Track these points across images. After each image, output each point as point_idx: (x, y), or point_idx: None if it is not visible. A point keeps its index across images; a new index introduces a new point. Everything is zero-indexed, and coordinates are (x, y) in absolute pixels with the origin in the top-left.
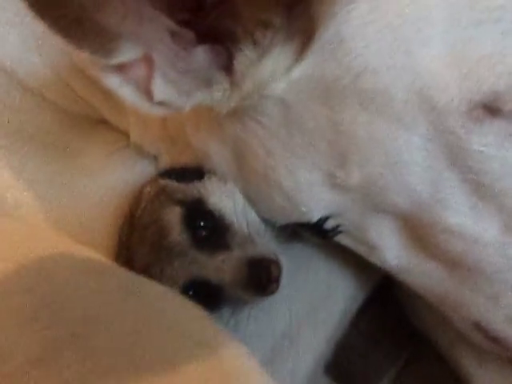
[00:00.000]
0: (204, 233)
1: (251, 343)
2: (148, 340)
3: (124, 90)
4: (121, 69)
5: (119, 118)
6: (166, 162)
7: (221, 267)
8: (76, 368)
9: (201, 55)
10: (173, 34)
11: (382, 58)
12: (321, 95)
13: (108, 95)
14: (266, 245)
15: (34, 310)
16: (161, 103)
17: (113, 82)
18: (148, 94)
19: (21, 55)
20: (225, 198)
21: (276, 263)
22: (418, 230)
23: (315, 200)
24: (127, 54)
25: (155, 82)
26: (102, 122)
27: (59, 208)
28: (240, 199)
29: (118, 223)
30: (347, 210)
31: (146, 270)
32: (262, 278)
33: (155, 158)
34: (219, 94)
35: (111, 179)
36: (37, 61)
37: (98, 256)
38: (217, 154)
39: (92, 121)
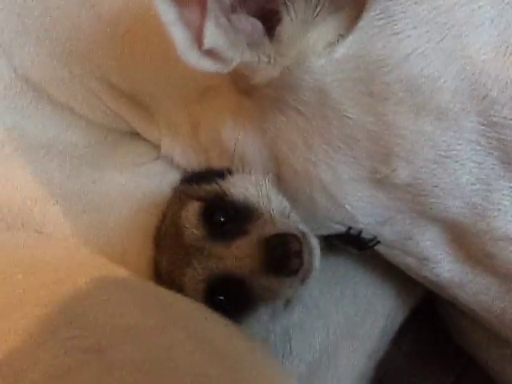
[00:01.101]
0: (221, 222)
1: (287, 361)
2: (178, 359)
3: (177, 29)
4: (178, 4)
5: (150, 128)
6: None
7: (237, 254)
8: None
9: (243, 20)
10: None
11: (432, 40)
12: (362, 79)
13: (138, 106)
14: (288, 223)
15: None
16: (209, 53)
17: (168, 16)
18: (199, 39)
19: (50, 72)
20: (248, 186)
21: (294, 236)
22: (472, 240)
23: (360, 199)
24: None
25: (207, 25)
26: (132, 135)
27: (86, 223)
28: (264, 182)
29: (144, 235)
30: (396, 214)
31: (170, 279)
32: (278, 253)
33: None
34: (265, 60)
35: (138, 193)
36: (66, 76)
37: (128, 272)
38: (254, 155)
39: (121, 134)
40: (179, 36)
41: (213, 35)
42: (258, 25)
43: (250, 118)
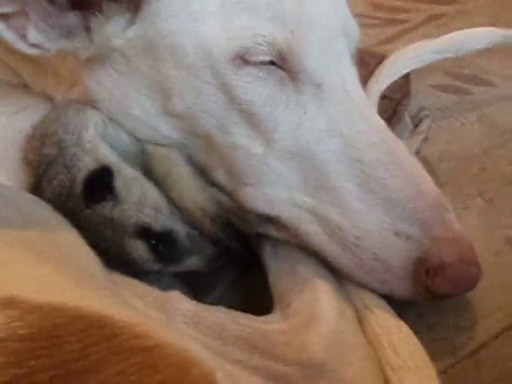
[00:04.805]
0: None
1: None
2: None
3: (6, 34)
4: (5, 18)
5: (39, 79)
6: None
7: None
8: None
9: (72, 18)
10: (50, 1)
11: (177, 22)
12: (148, 50)
13: (29, 60)
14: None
15: None
16: (34, 45)
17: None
18: (24, 38)
19: None
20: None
21: None
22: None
23: (167, 125)
24: (8, 7)
25: (29, 30)
26: (22, 87)
27: None
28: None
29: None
30: (191, 137)
31: None
32: None
33: None
34: (79, 44)
35: (14, 131)
36: None
37: None
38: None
39: (12, 86)
40: (10, 37)
41: (34, 37)
42: (76, 21)
43: (84, 76)
